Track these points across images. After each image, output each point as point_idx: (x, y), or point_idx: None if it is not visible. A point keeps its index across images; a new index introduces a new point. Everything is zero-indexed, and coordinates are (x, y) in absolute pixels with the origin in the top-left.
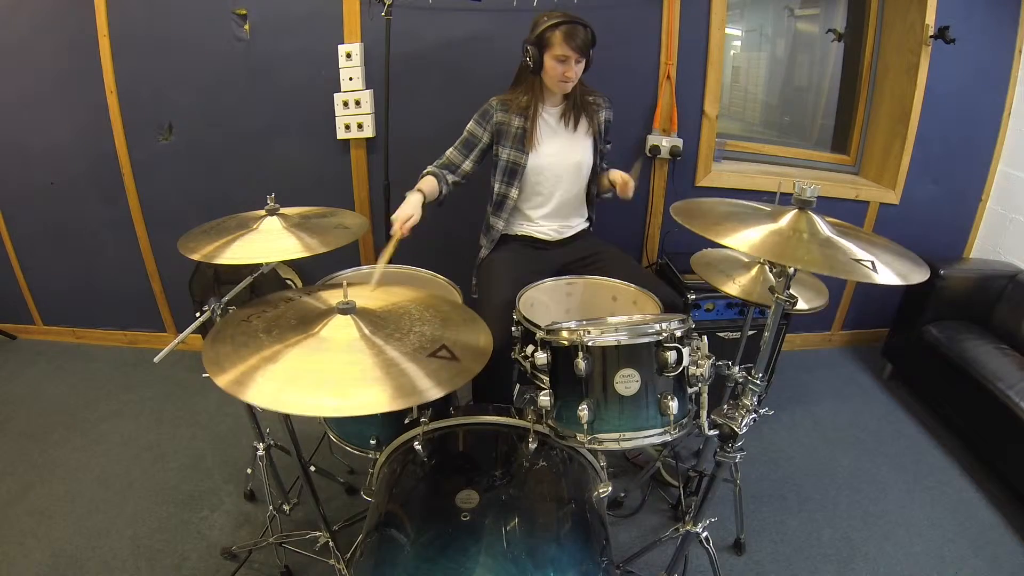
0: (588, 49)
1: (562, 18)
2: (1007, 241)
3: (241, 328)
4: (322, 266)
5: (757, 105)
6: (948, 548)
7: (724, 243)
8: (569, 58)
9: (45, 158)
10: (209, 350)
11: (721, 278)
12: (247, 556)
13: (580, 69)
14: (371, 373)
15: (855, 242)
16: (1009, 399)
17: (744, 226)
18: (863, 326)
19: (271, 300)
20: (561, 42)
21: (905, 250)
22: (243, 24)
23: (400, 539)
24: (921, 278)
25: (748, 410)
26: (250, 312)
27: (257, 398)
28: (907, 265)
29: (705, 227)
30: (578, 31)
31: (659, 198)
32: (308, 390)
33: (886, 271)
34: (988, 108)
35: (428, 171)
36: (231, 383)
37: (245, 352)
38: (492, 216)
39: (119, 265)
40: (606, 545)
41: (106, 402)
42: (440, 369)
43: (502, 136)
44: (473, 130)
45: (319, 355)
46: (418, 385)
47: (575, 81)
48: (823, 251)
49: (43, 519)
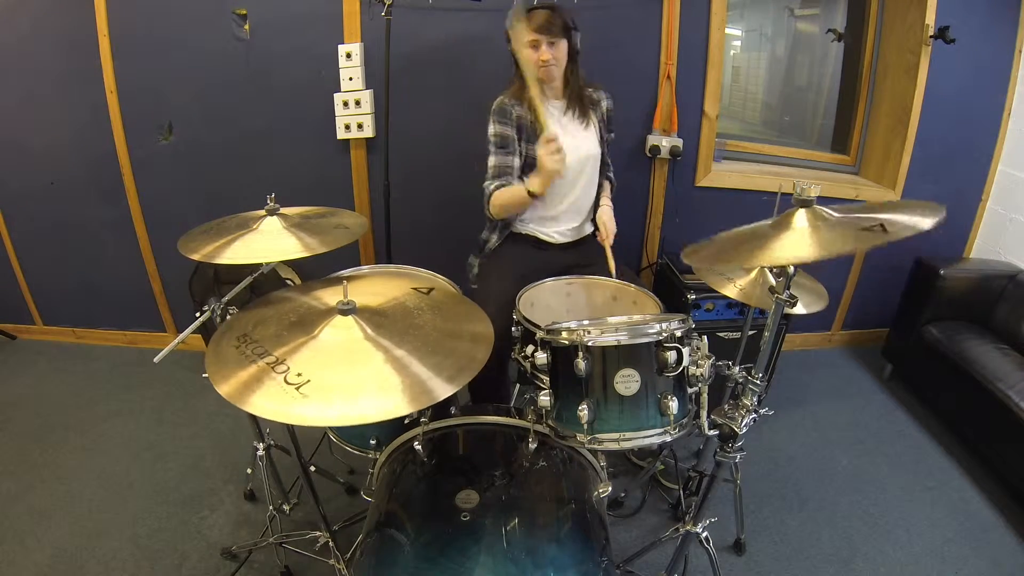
0: (559, 30)
1: (524, 5)
2: (1007, 241)
3: (244, 336)
4: (322, 266)
5: (757, 105)
6: (948, 548)
7: (757, 264)
8: (539, 42)
9: (45, 158)
10: (212, 361)
11: (720, 281)
12: (247, 556)
13: (559, 52)
14: (381, 377)
15: (864, 213)
16: (1009, 399)
17: (762, 244)
18: (863, 326)
19: (271, 299)
20: (525, 27)
21: (912, 201)
22: (243, 24)
23: (400, 539)
24: (937, 219)
25: (748, 410)
26: (251, 315)
27: (266, 412)
28: (917, 212)
29: (728, 261)
30: (538, 13)
31: (659, 198)
32: (319, 399)
33: (901, 222)
34: (988, 108)
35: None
36: (235, 394)
37: (249, 363)
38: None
39: (119, 265)
40: (606, 545)
41: (106, 402)
42: (448, 365)
43: (522, 131)
44: (501, 132)
45: (323, 358)
46: (428, 384)
47: (556, 65)
48: (839, 233)
49: (43, 519)
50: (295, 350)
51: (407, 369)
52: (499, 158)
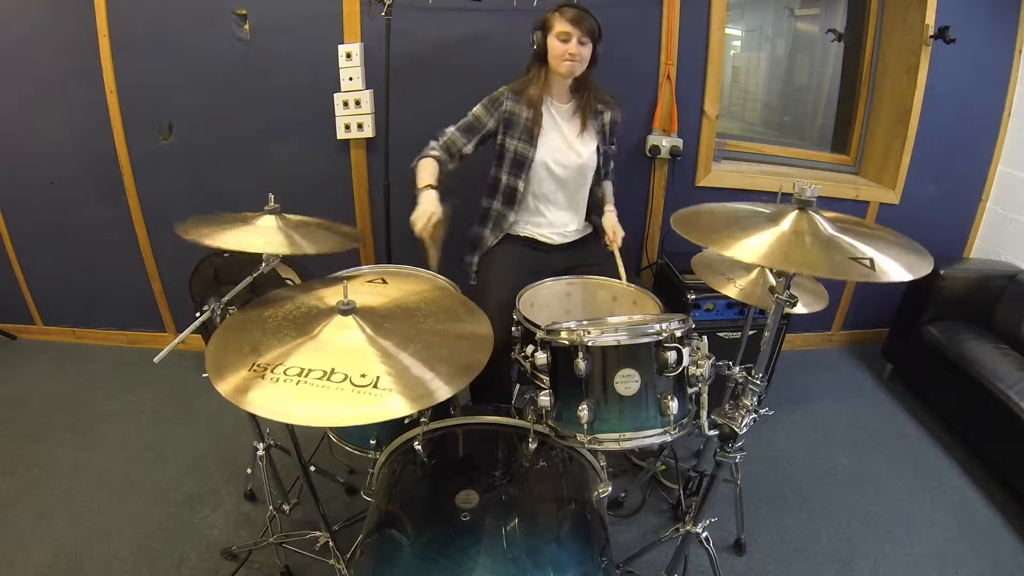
0: (592, 32)
1: (567, 4)
2: (1007, 241)
3: (243, 334)
4: (322, 267)
5: (757, 105)
6: (948, 548)
7: (726, 253)
8: (571, 36)
9: (45, 158)
10: (212, 358)
11: (721, 280)
12: (247, 556)
13: (585, 53)
14: (380, 378)
15: (857, 238)
16: (1009, 399)
17: (745, 234)
18: (863, 326)
19: (272, 298)
20: (562, 19)
21: (908, 240)
22: (243, 24)
23: (400, 539)
24: (924, 271)
25: (748, 410)
26: (251, 315)
27: (265, 411)
28: (910, 257)
29: (706, 237)
30: (582, 13)
31: (659, 198)
32: (316, 400)
33: (887, 265)
34: (988, 108)
35: (430, 154)
36: (234, 392)
37: (248, 360)
38: (501, 205)
39: (119, 265)
40: (606, 545)
41: (106, 402)
42: (447, 367)
43: (510, 126)
44: (479, 114)
45: (323, 356)
46: (429, 386)
47: (579, 63)
48: (824, 253)
49: (43, 519)
50: (294, 349)
51: (406, 371)
52: (456, 135)
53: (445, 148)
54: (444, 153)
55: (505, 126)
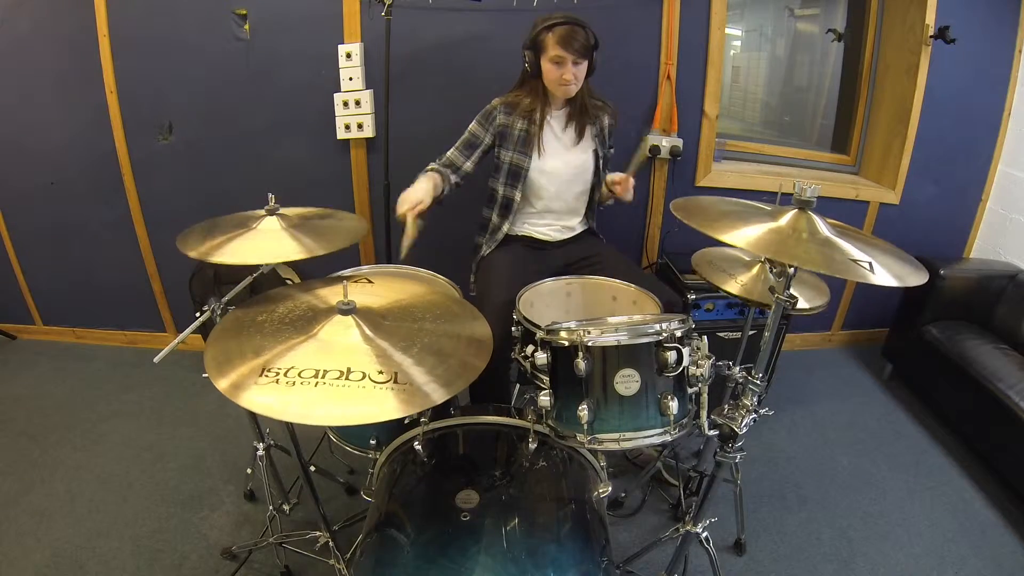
0: (586, 51)
1: (557, 19)
2: (1007, 241)
3: (242, 332)
4: (322, 266)
5: (757, 105)
6: (948, 548)
7: (723, 239)
8: (565, 60)
9: (45, 158)
10: (210, 355)
11: (722, 277)
12: (247, 556)
13: (581, 72)
14: (376, 379)
15: (854, 243)
16: (1009, 399)
17: (744, 223)
18: (863, 326)
19: (271, 297)
20: (555, 44)
21: (904, 253)
22: (243, 24)
23: (400, 539)
24: (919, 281)
25: (748, 410)
26: (250, 313)
27: (260, 407)
28: (905, 267)
29: (705, 223)
30: (574, 32)
31: (659, 198)
32: (312, 399)
33: (883, 272)
34: (988, 108)
35: (432, 168)
36: (232, 388)
37: (246, 357)
38: (497, 217)
39: (119, 265)
40: (606, 545)
41: (106, 402)
42: (445, 370)
43: (505, 139)
44: (475, 131)
45: (321, 357)
46: (424, 389)
47: (576, 84)
48: (822, 250)
49: (43, 519)
50: (293, 348)
51: (403, 373)
52: (455, 154)
53: (445, 165)
54: (445, 169)
55: (500, 139)
